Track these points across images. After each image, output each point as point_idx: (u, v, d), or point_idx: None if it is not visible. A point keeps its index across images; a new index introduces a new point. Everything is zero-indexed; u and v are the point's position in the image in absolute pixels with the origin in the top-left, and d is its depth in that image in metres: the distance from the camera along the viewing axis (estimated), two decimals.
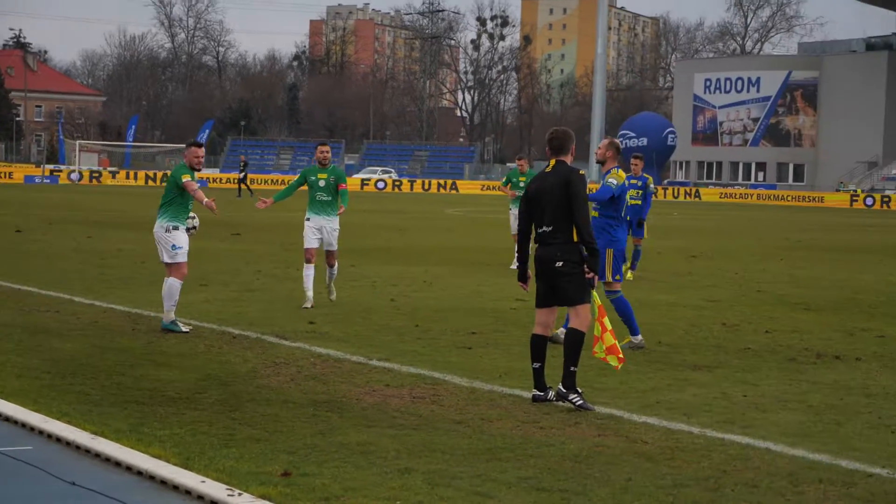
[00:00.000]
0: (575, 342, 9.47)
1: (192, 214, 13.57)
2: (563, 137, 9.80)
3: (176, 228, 13.18)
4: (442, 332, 13.39)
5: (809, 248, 31.35)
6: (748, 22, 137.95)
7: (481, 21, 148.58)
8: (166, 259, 13.26)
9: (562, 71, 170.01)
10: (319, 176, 15.42)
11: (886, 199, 79.97)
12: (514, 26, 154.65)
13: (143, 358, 11.16)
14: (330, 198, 15.40)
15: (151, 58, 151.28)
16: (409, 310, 15.31)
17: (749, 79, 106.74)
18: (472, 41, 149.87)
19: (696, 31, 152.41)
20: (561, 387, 9.38)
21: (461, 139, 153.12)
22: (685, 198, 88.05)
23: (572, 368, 9.37)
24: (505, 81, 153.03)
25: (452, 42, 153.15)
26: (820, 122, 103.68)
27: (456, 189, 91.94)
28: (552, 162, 9.77)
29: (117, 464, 7.20)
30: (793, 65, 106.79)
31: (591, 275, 9.52)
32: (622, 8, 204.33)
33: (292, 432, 8.23)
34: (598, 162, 12.85)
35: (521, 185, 21.84)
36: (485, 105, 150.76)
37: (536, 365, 9.62)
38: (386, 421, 8.68)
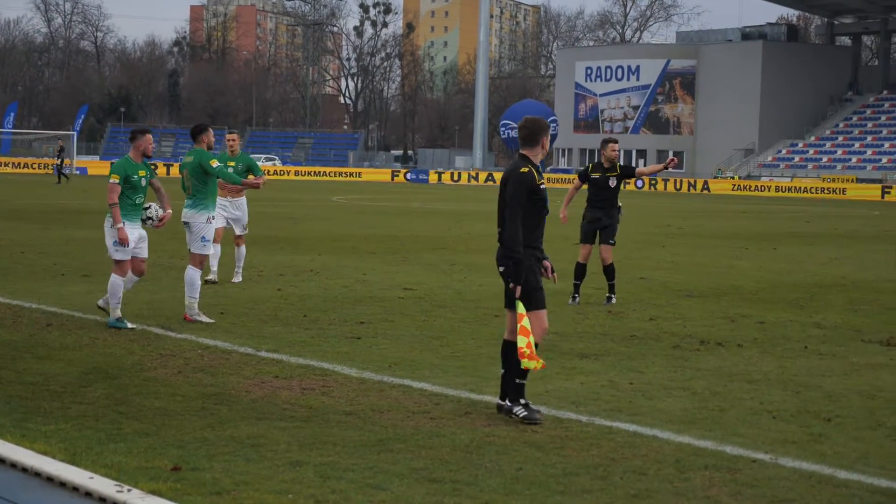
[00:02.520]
0: (512, 353, 8.75)
1: (147, 204, 12.96)
2: (532, 128, 8.93)
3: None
4: (330, 322, 13.35)
5: (690, 235, 31.88)
6: (627, 11, 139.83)
7: (364, 8, 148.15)
8: (110, 254, 12.86)
9: (445, 58, 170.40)
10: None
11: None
12: (396, 13, 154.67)
13: (26, 351, 10.94)
14: None
15: (27, 43, 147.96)
16: (297, 300, 15.23)
17: (629, 67, 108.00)
18: (355, 28, 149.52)
19: (576, 19, 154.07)
20: (506, 401, 8.75)
21: (345, 126, 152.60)
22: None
23: (518, 381, 8.69)
24: (388, 69, 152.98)
25: (335, 29, 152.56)
26: (698, 109, 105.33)
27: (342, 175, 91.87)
28: (517, 155, 9.00)
29: (1, 461, 7.05)
30: (671, 53, 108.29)
31: (512, 286, 8.73)
32: None
33: (181, 426, 8.14)
34: None
35: (231, 170, 15.89)
36: (368, 92, 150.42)
37: (503, 371, 8.94)
38: (276, 413, 8.63)
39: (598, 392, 9.66)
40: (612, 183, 15.74)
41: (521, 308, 8.71)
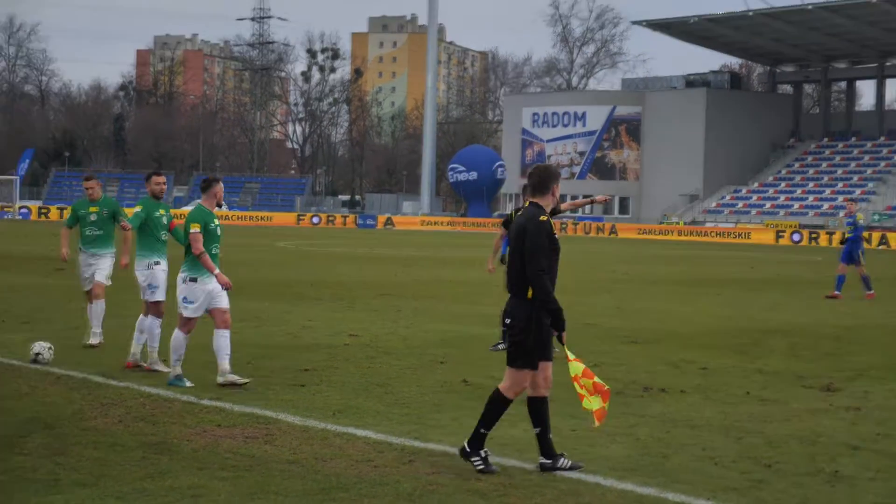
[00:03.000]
0: (492, 402, 8.66)
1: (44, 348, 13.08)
2: (542, 175, 8.80)
3: (193, 280, 12.25)
4: (273, 369, 13.28)
5: (636, 281, 32.04)
6: (574, 58, 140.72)
7: (312, 53, 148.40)
8: (179, 310, 12.38)
9: (392, 104, 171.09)
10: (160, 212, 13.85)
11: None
12: (344, 59, 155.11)
13: None
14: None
15: None
16: (241, 347, 15.05)
17: (575, 113, 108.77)
18: (303, 73, 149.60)
19: (523, 65, 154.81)
20: (465, 444, 8.60)
21: (292, 171, 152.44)
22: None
23: (483, 431, 8.58)
24: (336, 114, 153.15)
25: (283, 74, 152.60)
26: (643, 156, 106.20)
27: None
28: (526, 202, 8.89)
29: None
30: (617, 100, 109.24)
31: (557, 334, 8.69)
32: (451, 42, 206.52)
33: (121, 476, 8.06)
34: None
35: (93, 217, 15.01)
36: (316, 137, 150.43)
37: (537, 430, 8.79)
38: (218, 463, 8.56)
39: None
40: None
41: (570, 354, 8.80)
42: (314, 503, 7.48)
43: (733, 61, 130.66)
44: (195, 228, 12.17)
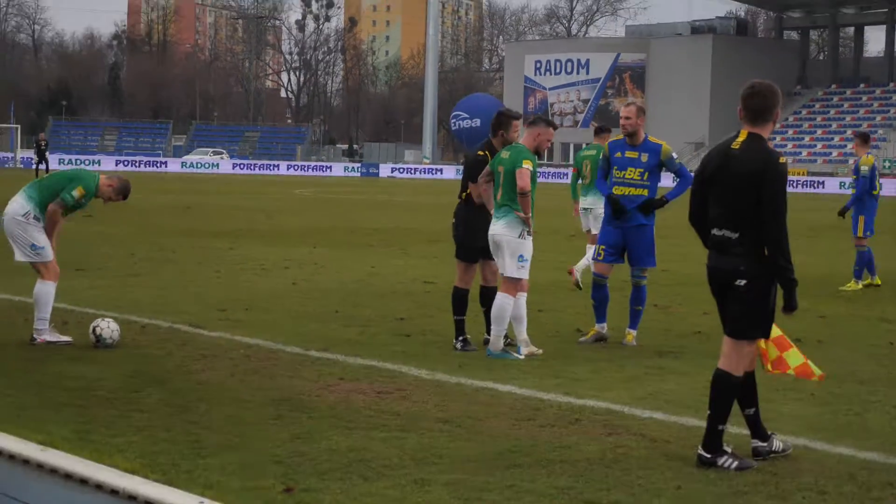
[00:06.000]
0: (723, 390, 6.77)
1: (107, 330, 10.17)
2: (767, 95, 6.78)
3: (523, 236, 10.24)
4: (367, 318, 12.31)
5: (675, 227, 31.00)
6: (574, 5, 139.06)
7: (306, 2, 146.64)
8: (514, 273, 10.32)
9: (387, 53, 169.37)
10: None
11: None
12: (339, 8, 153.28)
13: (52, 352, 9.86)
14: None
15: None
16: (318, 294, 14.15)
17: (579, 61, 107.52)
18: (297, 22, 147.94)
19: (521, 13, 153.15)
20: (703, 451, 6.74)
21: (288, 120, 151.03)
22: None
23: (720, 427, 6.72)
24: (331, 63, 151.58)
25: (277, 22, 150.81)
26: (648, 103, 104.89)
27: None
28: (743, 134, 6.77)
29: (83, 481, 5.99)
30: (621, 47, 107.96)
31: (789, 312, 6.73)
32: None
33: (267, 437, 7.13)
34: (628, 134, 10.92)
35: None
36: (311, 86, 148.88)
37: (750, 411, 7.03)
38: (363, 421, 7.63)
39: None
40: None
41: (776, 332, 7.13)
42: (499, 469, 6.55)
43: (738, 7, 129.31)
44: (528, 165, 10.20)
